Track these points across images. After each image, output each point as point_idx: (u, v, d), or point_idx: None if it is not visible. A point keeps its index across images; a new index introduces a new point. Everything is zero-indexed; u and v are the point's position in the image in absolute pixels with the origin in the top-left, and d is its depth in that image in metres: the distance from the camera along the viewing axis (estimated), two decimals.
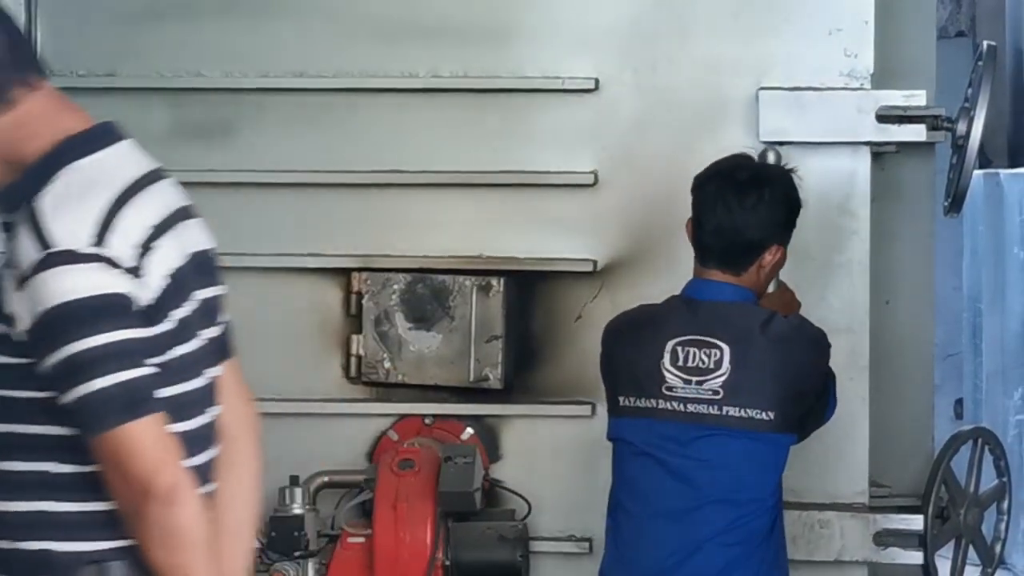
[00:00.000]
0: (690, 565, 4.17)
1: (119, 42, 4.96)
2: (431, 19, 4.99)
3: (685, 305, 4.30)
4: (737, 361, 4.17)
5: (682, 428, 4.17)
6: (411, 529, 4.57)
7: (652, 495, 4.25)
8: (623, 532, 4.32)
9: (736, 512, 4.18)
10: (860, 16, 4.81)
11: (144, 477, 2.68)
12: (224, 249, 4.59)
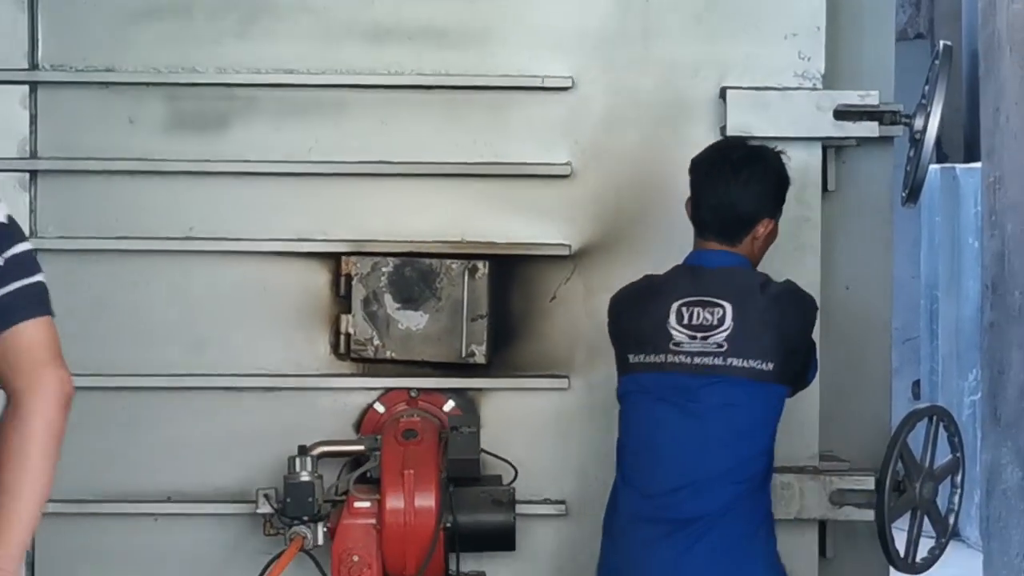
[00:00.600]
0: (701, 498, 4.44)
1: (117, 38, 5.03)
2: (416, 21, 5.09)
3: (688, 271, 4.59)
4: (739, 317, 4.44)
5: (691, 378, 4.45)
6: (418, 494, 4.65)
7: (666, 436, 4.51)
8: (635, 472, 4.56)
9: (740, 455, 4.48)
10: (813, 22, 5.04)
11: None
12: (218, 234, 4.87)
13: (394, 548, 4.69)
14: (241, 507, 5.02)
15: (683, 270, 4.61)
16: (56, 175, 4.99)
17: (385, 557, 4.70)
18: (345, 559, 4.68)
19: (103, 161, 5.03)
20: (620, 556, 4.64)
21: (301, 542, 4.68)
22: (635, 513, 4.56)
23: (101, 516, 5.02)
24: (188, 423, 5.09)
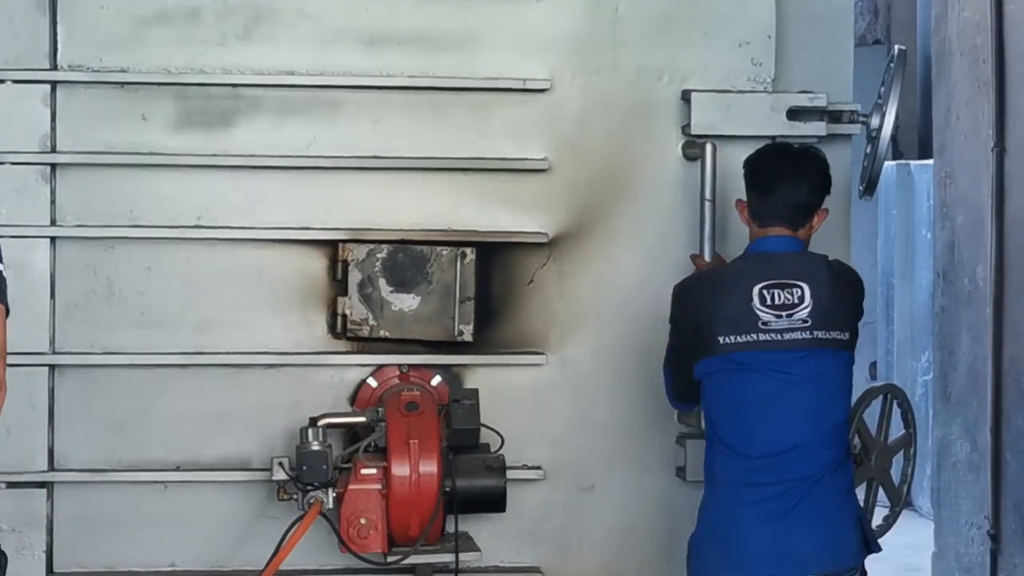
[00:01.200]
0: (803, 461, 4.63)
1: (130, 41, 5.08)
2: (407, 27, 5.19)
3: (759, 258, 4.76)
4: (816, 295, 4.62)
5: (783, 353, 4.63)
6: (422, 462, 4.77)
7: (766, 406, 4.66)
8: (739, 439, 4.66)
9: (832, 421, 4.68)
10: (764, 32, 5.23)
11: None
12: (224, 223, 5.04)
13: (399, 511, 4.81)
14: (244, 475, 5.14)
15: (753, 257, 4.78)
16: (74, 168, 5.04)
17: (390, 519, 4.81)
18: (353, 521, 4.78)
19: (118, 155, 5.09)
20: (724, 514, 4.71)
21: (320, 506, 4.77)
22: (738, 477, 4.67)
23: (115, 484, 5.07)
24: (195, 398, 5.15)
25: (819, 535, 4.66)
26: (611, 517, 5.29)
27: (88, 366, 5.06)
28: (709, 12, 5.27)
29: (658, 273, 5.24)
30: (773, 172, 4.78)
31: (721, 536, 4.70)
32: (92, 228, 5.05)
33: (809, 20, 5.35)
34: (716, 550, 4.70)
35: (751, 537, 4.65)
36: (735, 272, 4.78)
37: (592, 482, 5.29)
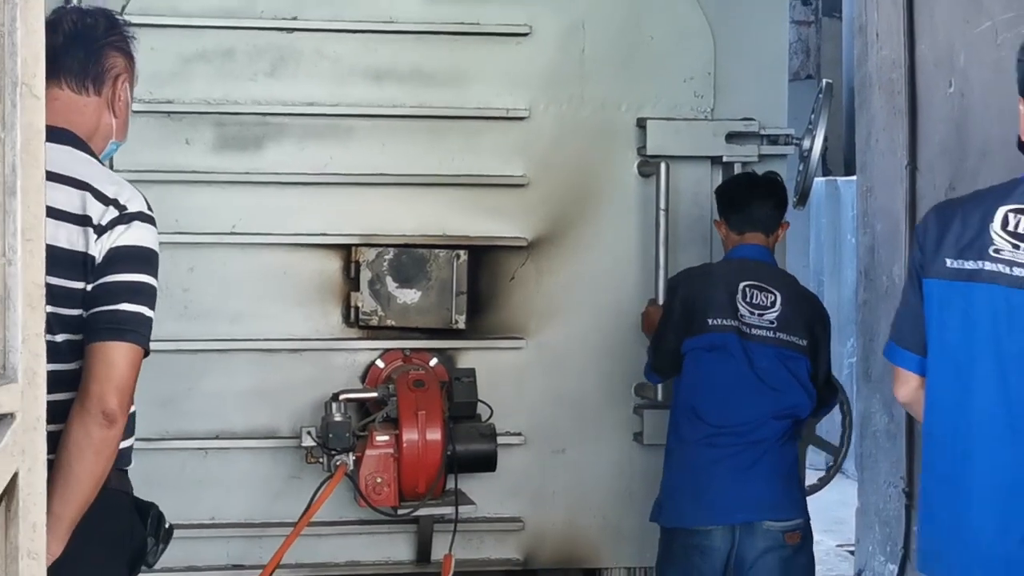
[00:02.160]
0: (761, 429, 4.72)
1: (176, 77, 5.11)
2: (408, 66, 5.23)
3: (741, 262, 4.92)
4: (785, 303, 4.81)
5: (750, 344, 4.76)
6: (428, 430, 4.84)
7: (736, 383, 4.76)
8: (708, 407, 4.75)
9: (785, 402, 4.76)
10: (705, 69, 5.33)
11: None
12: (254, 231, 5.08)
13: (409, 472, 4.87)
14: (272, 442, 5.18)
15: (736, 261, 4.96)
16: (132, 181, 5.02)
17: (401, 478, 4.87)
18: (370, 480, 4.85)
19: (165, 173, 5.10)
20: (687, 472, 4.79)
21: (345, 468, 4.83)
22: (704, 439, 4.76)
23: (163, 451, 5.09)
24: (230, 378, 5.19)
25: (775, 489, 4.77)
26: (579, 475, 5.37)
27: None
28: (659, 52, 5.35)
29: (618, 271, 5.39)
30: (747, 191, 4.97)
31: (693, 485, 4.78)
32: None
33: (749, 59, 5.43)
34: (690, 496, 4.78)
35: (721, 486, 4.73)
36: (724, 269, 4.95)
37: (563, 446, 5.37)
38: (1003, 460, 3.24)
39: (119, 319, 3.03)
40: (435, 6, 5.26)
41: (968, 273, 3.25)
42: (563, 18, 5.33)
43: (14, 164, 2.41)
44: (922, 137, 7.12)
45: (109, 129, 3.36)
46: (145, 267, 3.11)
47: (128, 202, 3.11)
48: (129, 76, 3.40)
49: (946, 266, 3.31)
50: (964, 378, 3.32)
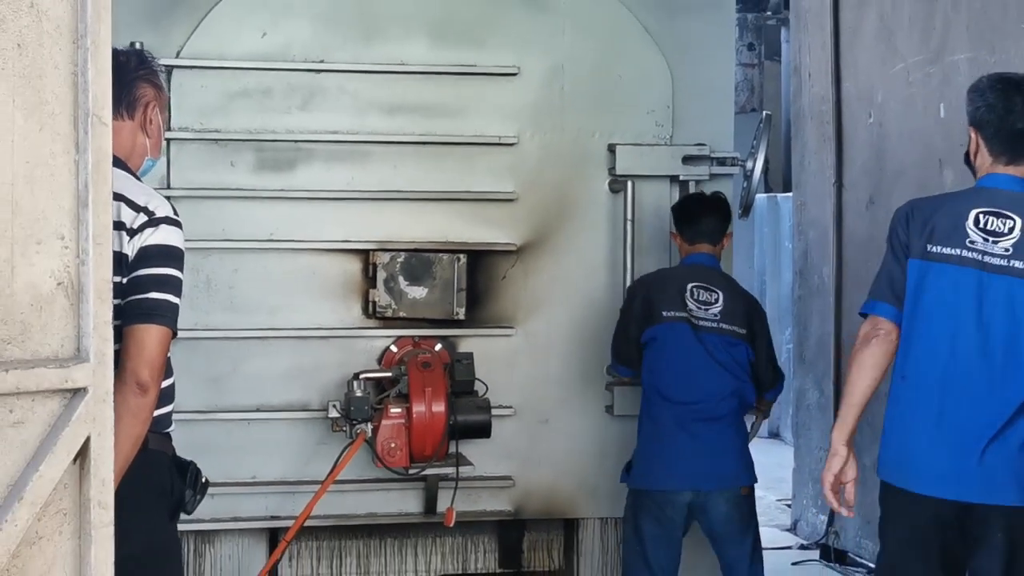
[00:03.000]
0: (721, 405, 4.80)
1: (222, 110, 5.07)
2: (417, 100, 5.19)
3: (692, 266, 4.95)
4: (727, 299, 4.87)
5: (699, 334, 4.81)
6: (434, 403, 4.83)
7: (695, 366, 4.81)
8: (672, 388, 4.80)
9: (734, 383, 4.84)
10: (664, 103, 5.32)
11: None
12: (289, 238, 5.03)
13: (418, 438, 4.86)
14: (304, 414, 5.14)
15: (688, 266, 4.99)
16: (184, 199, 4.84)
17: (411, 444, 4.86)
18: (385, 446, 4.84)
19: (214, 191, 5.08)
20: (658, 443, 4.84)
21: (364, 435, 4.83)
22: (673, 415, 4.81)
23: (213, 421, 5.06)
24: (269, 360, 5.14)
25: (734, 461, 4.88)
26: (560, 441, 5.36)
27: (194, 339, 5.03)
28: (626, 90, 5.34)
29: (592, 272, 5.39)
30: (697, 208, 5.02)
31: (663, 455, 4.84)
32: (196, 242, 4.79)
33: (702, 95, 5.41)
34: (660, 467, 4.84)
35: (687, 455, 4.80)
36: (676, 273, 5.00)
37: (547, 417, 5.36)
38: (980, 396, 3.61)
39: (149, 306, 3.03)
40: (438, 51, 5.23)
41: (947, 257, 3.64)
42: (546, 61, 5.31)
43: (87, 181, 2.43)
44: (847, 160, 7.22)
45: (144, 148, 3.37)
46: (171, 262, 3.11)
47: (156, 209, 3.11)
48: (158, 103, 3.40)
49: (927, 250, 3.68)
50: (945, 336, 3.67)
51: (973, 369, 3.66)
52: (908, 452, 3.71)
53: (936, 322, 3.69)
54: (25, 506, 2.34)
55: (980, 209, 3.69)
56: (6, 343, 2.35)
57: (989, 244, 3.64)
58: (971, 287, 3.63)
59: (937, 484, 3.65)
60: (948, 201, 3.83)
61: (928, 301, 3.69)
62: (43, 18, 2.35)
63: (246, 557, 5.22)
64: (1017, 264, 3.60)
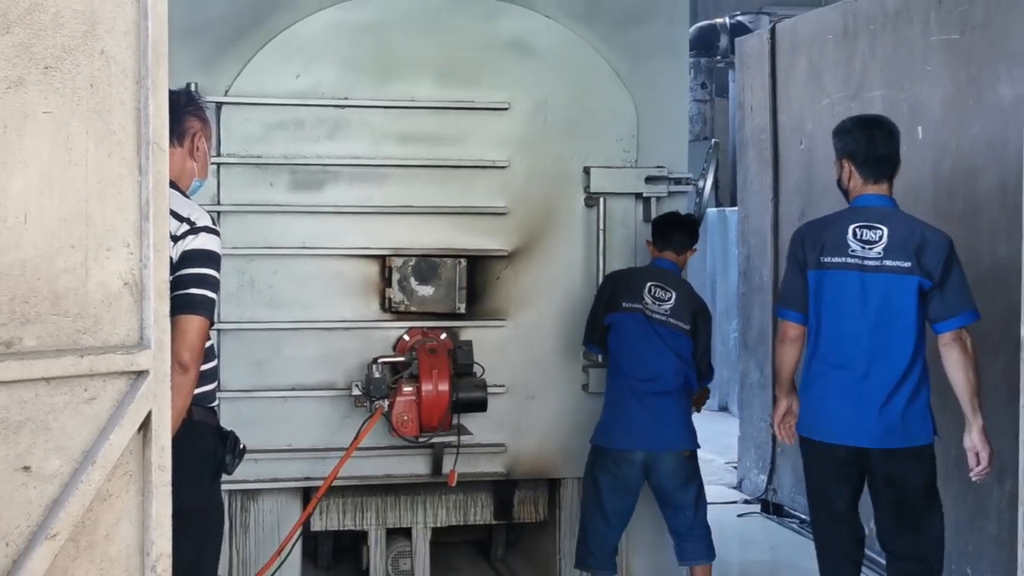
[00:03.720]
0: (670, 379, 4.84)
1: (263, 139, 5.02)
2: (425, 130, 5.14)
3: (655, 269, 4.97)
4: (678, 299, 4.87)
5: (653, 324, 4.85)
6: (439, 383, 4.83)
7: (647, 348, 4.85)
8: (631, 365, 4.84)
9: (680, 363, 4.87)
10: (631, 133, 5.29)
11: None
12: (319, 245, 4.98)
13: (426, 412, 4.84)
14: (332, 392, 5.08)
15: (653, 267, 4.99)
16: (231, 214, 4.99)
17: (421, 417, 4.85)
18: (399, 418, 4.83)
19: (256, 206, 5.05)
20: (618, 410, 4.86)
21: (382, 410, 4.82)
22: (630, 388, 4.84)
23: (256, 399, 5.04)
24: (302, 347, 5.10)
25: (680, 428, 4.89)
26: (544, 415, 5.34)
27: (240, 330, 5.03)
28: (598, 121, 5.31)
29: (570, 273, 5.36)
30: (670, 224, 5.03)
31: (620, 421, 4.88)
32: (242, 249, 4.99)
33: (662, 126, 5.37)
34: (618, 430, 4.89)
35: (641, 421, 4.84)
36: (641, 272, 4.99)
37: (534, 394, 5.33)
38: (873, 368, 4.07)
39: (189, 300, 3.03)
40: (443, 89, 5.20)
41: (836, 264, 4.07)
42: (532, 98, 5.29)
43: (148, 199, 2.45)
44: (782, 179, 7.24)
45: (192, 171, 3.35)
46: (208, 263, 3.11)
47: (196, 220, 3.12)
48: (204, 133, 3.38)
49: (820, 261, 4.10)
50: (840, 322, 4.09)
51: (865, 347, 4.07)
52: (825, 414, 4.14)
53: (834, 314, 4.08)
54: (97, 468, 2.36)
55: (856, 224, 4.10)
56: (81, 333, 2.37)
57: (866, 250, 4.03)
58: (856, 285, 4.03)
59: (847, 435, 4.13)
60: (831, 221, 4.17)
61: (827, 299, 4.09)
62: (112, 63, 2.37)
63: (283, 511, 5.19)
64: (888, 263, 4.02)
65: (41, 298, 2.29)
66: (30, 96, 2.26)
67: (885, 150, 4.18)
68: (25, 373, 2.25)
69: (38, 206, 2.28)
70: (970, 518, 5.39)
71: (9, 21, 2.24)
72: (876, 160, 4.18)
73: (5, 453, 2.27)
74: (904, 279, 4.03)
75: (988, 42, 5.25)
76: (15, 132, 2.25)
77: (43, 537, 2.29)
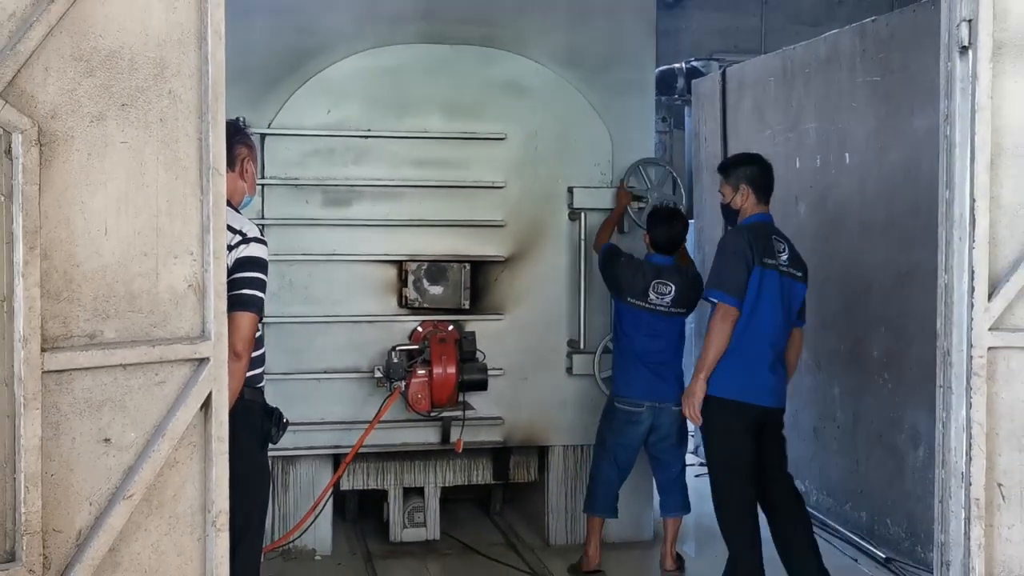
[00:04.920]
0: (665, 355, 4.81)
1: (299, 164, 4.98)
2: (436, 157, 5.13)
3: (654, 265, 4.83)
4: (677, 291, 4.78)
5: (657, 315, 4.79)
6: (448, 367, 4.83)
7: (649, 331, 4.80)
8: (633, 343, 4.78)
9: (678, 343, 4.87)
10: (607, 159, 5.28)
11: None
12: (347, 252, 4.92)
13: (437, 391, 4.85)
14: (358, 375, 5.06)
15: (653, 264, 4.83)
16: (274, 226, 4.92)
17: (432, 395, 4.85)
18: (414, 396, 4.83)
19: (294, 220, 5.00)
20: (632, 371, 4.81)
21: (400, 390, 4.82)
22: (638, 359, 4.79)
23: (295, 380, 4.97)
24: (333, 337, 5.05)
25: (677, 389, 4.81)
26: (535, 392, 5.31)
27: (281, 323, 4.99)
28: (580, 149, 5.29)
29: (556, 275, 5.33)
30: (665, 221, 4.90)
31: (636, 379, 4.84)
32: (282, 255, 4.93)
33: (631, 153, 5.33)
34: (636, 385, 4.83)
35: (649, 382, 4.84)
36: (645, 270, 4.85)
37: (526, 376, 5.30)
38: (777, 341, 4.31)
39: (242, 299, 3.02)
40: (450, 122, 5.18)
41: (771, 265, 4.26)
42: (525, 129, 5.26)
43: (208, 214, 2.45)
44: None
45: (243, 189, 3.32)
46: (258, 268, 3.09)
47: (247, 232, 3.10)
48: (251, 158, 3.36)
49: (763, 261, 4.25)
50: (769, 313, 4.28)
51: (780, 333, 4.34)
52: (750, 380, 4.27)
53: (765, 305, 4.26)
54: (166, 440, 2.37)
55: (774, 236, 4.34)
56: (153, 327, 2.37)
57: (780, 258, 4.31)
58: (778, 284, 4.25)
59: (764, 398, 4.31)
60: (761, 230, 4.32)
61: (764, 293, 4.23)
62: (178, 101, 2.38)
63: (317, 474, 5.15)
64: (791, 270, 4.33)
65: (119, 297, 2.30)
66: (110, 129, 2.27)
67: (772, 178, 4.45)
68: (106, 360, 2.26)
69: (116, 220, 2.28)
70: (889, 478, 5.41)
71: (92, 66, 2.25)
72: (766, 186, 4.41)
73: (89, 427, 2.27)
74: (798, 284, 4.37)
75: (904, 83, 5.27)
76: (97, 158, 2.26)
77: (121, 497, 2.30)
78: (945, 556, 2.91)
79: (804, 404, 6.16)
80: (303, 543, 5.08)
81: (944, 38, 2.94)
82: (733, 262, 4.25)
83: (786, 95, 6.40)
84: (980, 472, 2.80)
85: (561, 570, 5.06)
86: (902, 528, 5.29)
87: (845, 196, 5.79)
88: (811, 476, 6.15)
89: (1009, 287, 2.84)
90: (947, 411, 2.90)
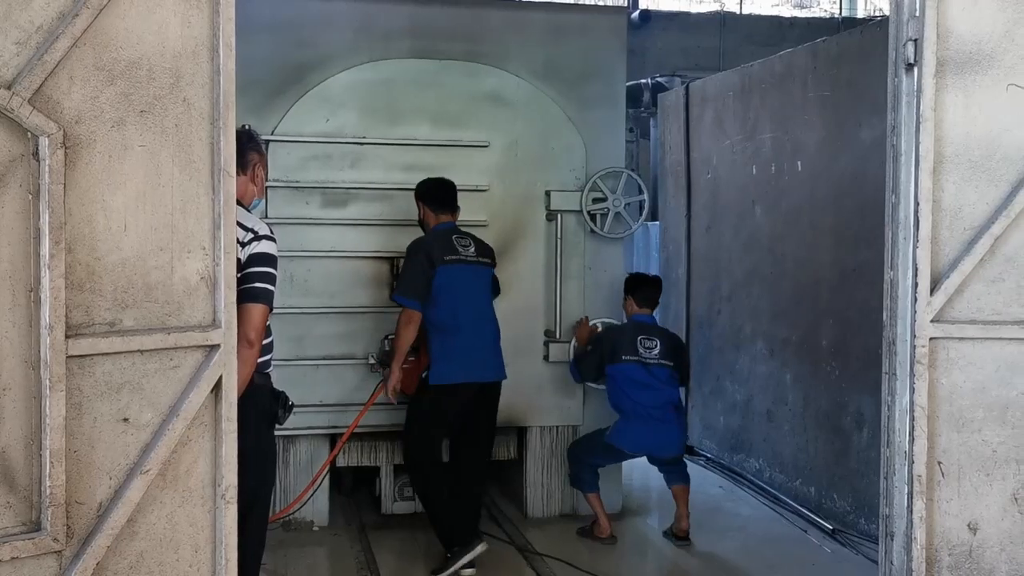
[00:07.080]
0: (664, 406, 4.81)
1: (299, 168, 4.94)
2: (426, 162, 5.07)
3: (638, 324, 4.90)
4: (662, 344, 4.83)
5: (647, 367, 4.81)
6: None
7: (643, 385, 4.82)
8: (632, 394, 4.78)
9: (671, 392, 4.85)
10: (581, 165, 5.26)
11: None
12: (344, 249, 4.84)
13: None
14: (353, 362, 5.04)
15: (635, 324, 4.89)
16: (277, 225, 4.40)
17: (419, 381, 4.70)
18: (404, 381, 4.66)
19: (296, 219, 4.96)
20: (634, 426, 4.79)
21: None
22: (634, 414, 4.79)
23: (295, 366, 4.92)
24: (330, 326, 5.02)
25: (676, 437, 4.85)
26: (517, 377, 5.18)
27: (284, 314, 4.88)
28: (557, 156, 5.27)
29: (536, 271, 5.31)
30: (647, 281, 4.97)
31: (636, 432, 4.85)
32: (284, 252, 4.48)
33: (602, 160, 5.29)
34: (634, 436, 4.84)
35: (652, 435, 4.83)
36: (630, 327, 4.89)
37: (507, 363, 5.06)
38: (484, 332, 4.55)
39: (253, 292, 3.01)
40: (438, 131, 5.15)
41: (453, 261, 4.42)
42: (506, 138, 5.24)
43: (219, 212, 2.43)
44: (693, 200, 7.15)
45: (253, 192, 3.33)
46: (268, 263, 3.09)
47: (258, 230, 3.09)
48: (261, 163, 3.35)
49: (444, 259, 4.41)
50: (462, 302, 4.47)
51: (477, 318, 4.53)
52: (463, 362, 4.46)
53: (459, 296, 4.43)
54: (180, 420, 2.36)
55: (455, 235, 4.54)
56: (168, 316, 2.36)
57: (470, 251, 4.54)
58: (469, 275, 4.45)
59: (478, 374, 4.52)
60: (442, 233, 4.52)
61: (454, 285, 4.40)
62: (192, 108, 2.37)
63: (316, 452, 5.12)
64: (480, 259, 4.55)
65: (137, 289, 2.30)
66: (129, 133, 2.26)
67: (450, 190, 4.62)
68: (125, 346, 2.26)
69: (135, 218, 2.27)
70: (835, 457, 5.44)
71: (114, 75, 2.24)
72: (445, 198, 4.61)
73: (109, 408, 2.27)
74: (485, 271, 4.60)
75: (852, 97, 5.30)
76: (117, 161, 2.25)
77: (138, 472, 2.29)
78: (890, 528, 2.92)
79: (759, 389, 6.18)
80: (302, 515, 5.07)
81: (892, 56, 2.95)
82: (417, 270, 4.44)
83: (744, 108, 6.42)
84: (922, 451, 2.82)
85: (539, 539, 5.04)
86: (847, 502, 5.32)
87: (797, 200, 5.82)
88: (765, 455, 6.18)
89: (949, 283, 2.87)
90: (892, 395, 2.92)
